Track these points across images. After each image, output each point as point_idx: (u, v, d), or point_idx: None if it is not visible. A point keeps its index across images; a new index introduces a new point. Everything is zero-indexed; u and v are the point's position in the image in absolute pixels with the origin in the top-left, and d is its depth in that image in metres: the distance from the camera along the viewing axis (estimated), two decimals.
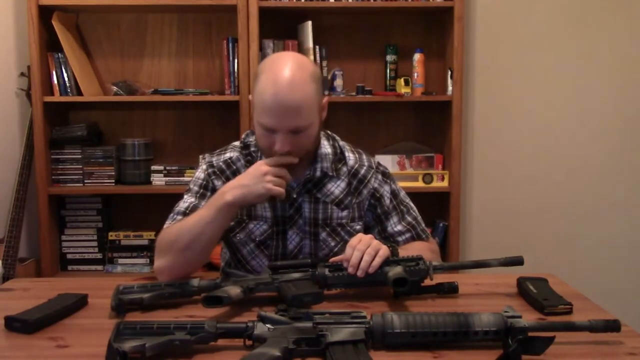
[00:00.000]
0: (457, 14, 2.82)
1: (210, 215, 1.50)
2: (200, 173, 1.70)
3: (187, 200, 1.66)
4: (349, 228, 1.70)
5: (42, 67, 2.79)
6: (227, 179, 1.67)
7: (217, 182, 1.67)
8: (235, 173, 1.67)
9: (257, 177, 1.48)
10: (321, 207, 1.68)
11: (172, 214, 1.65)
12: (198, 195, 1.66)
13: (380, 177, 1.74)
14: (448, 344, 1.16)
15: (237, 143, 1.74)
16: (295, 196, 1.65)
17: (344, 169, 1.71)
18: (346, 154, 1.74)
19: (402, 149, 3.04)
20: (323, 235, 1.68)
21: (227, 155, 1.71)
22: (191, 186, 1.70)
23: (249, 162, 1.68)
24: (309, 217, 1.67)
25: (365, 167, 1.74)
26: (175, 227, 1.57)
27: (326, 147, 1.69)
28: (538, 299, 1.38)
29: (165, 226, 1.63)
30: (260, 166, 1.50)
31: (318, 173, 1.66)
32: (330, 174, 1.68)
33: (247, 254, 1.68)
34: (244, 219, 1.66)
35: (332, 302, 1.39)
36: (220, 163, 1.69)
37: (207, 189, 1.67)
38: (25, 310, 1.30)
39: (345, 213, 1.69)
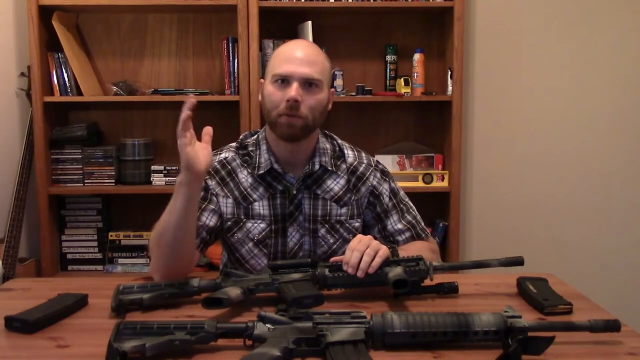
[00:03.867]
0: (457, 14, 2.82)
1: (171, 203, 1.48)
2: None
3: None
4: (347, 225, 1.70)
5: (42, 67, 2.79)
6: (222, 179, 1.68)
7: (211, 182, 1.68)
8: (230, 173, 1.68)
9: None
10: (320, 204, 1.68)
11: None
12: None
13: (379, 175, 1.75)
14: (448, 344, 1.16)
15: (233, 144, 1.75)
16: (295, 192, 1.66)
17: (343, 165, 1.72)
18: (345, 151, 1.75)
19: (402, 149, 3.04)
20: (322, 231, 1.68)
21: (222, 155, 1.72)
22: None
23: (246, 162, 1.69)
24: (308, 214, 1.67)
25: (364, 165, 1.74)
26: (156, 224, 1.56)
27: (324, 143, 1.72)
28: (538, 299, 1.38)
29: None
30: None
31: (317, 167, 1.67)
32: (330, 168, 1.69)
33: (245, 253, 1.68)
34: (241, 218, 1.66)
35: (332, 302, 1.38)
36: (215, 163, 1.70)
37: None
38: (25, 310, 1.30)
39: (344, 210, 1.70)
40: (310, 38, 2.81)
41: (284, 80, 1.57)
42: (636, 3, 3.06)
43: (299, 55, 1.58)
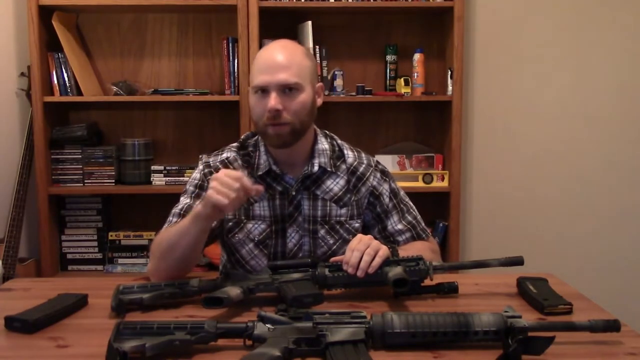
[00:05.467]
0: (457, 14, 2.82)
1: (185, 225, 1.49)
2: (196, 174, 1.71)
3: (183, 202, 1.66)
4: (347, 225, 1.70)
5: (42, 67, 2.78)
6: None
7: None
8: None
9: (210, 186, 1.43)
10: (320, 204, 1.68)
11: (169, 217, 1.65)
12: (193, 195, 1.66)
13: (379, 175, 1.75)
14: (448, 344, 1.16)
15: (234, 144, 1.75)
16: (294, 193, 1.66)
17: (343, 166, 1.72)
18: (345, 151, 1.75)
19: (402, 149, 3.04)
20: (322, 232, 1.68)
21: (224, 155, 1.72)
22: (187, 187, 1.70)
23: (247, 162, 1.69)
24: (308, 215, 1.67)
25: (364, 165, 1.74)
26: (163, 233, 1.58)
27: (324, 144, 1.71)
28: (538, 299, 1.38)
29: (162, 229, 1.63)
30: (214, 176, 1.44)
31: (315, 168, 1.67)
32: (329, 169, 1.68)
33: (246, 254, 1.68)
34: (242, 219, 1.66)
35: (332, 302, 1.39)
36: (217, 163, 1.70)
37: (202, 189, 1.66)
38: (25, 310, 1.30)
39: (344, 210, 1.70)
40: (310, 38, 2.82)
41: (263, 91, 1.57)
42: (636, 3, 3.06)
43: (273, 62, 1.57)
